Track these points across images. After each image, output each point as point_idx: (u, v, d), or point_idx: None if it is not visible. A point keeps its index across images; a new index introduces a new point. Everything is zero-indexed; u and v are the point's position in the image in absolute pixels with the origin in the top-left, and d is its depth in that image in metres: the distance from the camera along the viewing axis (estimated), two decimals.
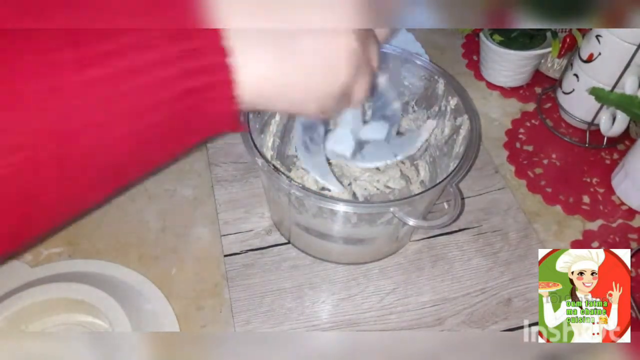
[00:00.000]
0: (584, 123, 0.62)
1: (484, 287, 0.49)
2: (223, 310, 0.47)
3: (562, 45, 0.65)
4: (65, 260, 0.50)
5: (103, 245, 0.51)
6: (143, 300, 0.46)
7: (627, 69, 0.54)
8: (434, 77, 0.51)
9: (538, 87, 0.70)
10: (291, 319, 0.47)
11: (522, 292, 0.49)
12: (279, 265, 0.50)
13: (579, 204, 0.57)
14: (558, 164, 0.61)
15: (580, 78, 0.59)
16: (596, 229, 0.55)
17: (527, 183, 0.59)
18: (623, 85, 0.55)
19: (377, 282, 0.49)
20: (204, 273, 0.50)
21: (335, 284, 0.49)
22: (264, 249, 0.51)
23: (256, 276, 0.49)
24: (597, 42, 0.56)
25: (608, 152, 0.62)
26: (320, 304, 0.48)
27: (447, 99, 0.50)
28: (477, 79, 0.71)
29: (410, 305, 0.48)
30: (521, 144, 0.63)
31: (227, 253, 0.51)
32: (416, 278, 0.50)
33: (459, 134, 0.48)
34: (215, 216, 0.54)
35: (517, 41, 0.65)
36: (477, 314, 0.48)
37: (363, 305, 0.48)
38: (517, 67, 0.67)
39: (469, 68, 0.72)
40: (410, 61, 0.51)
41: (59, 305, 0.43)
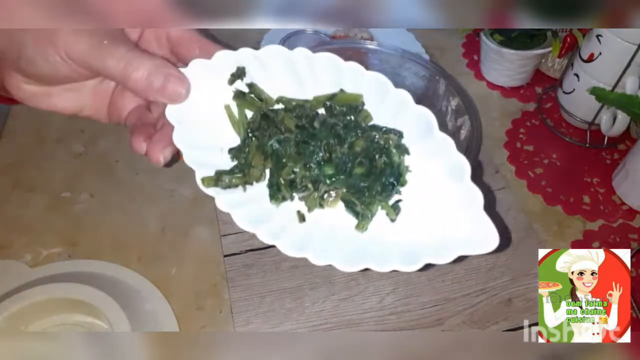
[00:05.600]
0: (584, 123, 0.62)
1: (485, 287, 0.49)
2: (223, 310, 0.47)
3: (562, 45, 0.65)
4: (65, 260, 0.50)
5: (103, 246, 0.51)
6: (143, 300, 0.46)
7: (628, 68, 0.54)
8: (434, 77, 0.51)
9: (538, 87, 0.70)
10: (291, 319, 0.47)
11: (523, 292, 0.49)
12: (279, 266, 0.50)
13: (580, 204, 0.57)
14: (559, 164, 0.61)
15: (581, 78, 0.59)
16: (597, 229, 0.55)
17: (528, 183, 0.59)
18: (623, 85, 0.55)
19: (377, 282, 0.49)
20: (203, 273, 0.50)
21: (335, 284, 0.49)
22: (264, 249, 0.51)
23: (256, 276, 0.49)
24: (597, 42, 0.56)
25: (609, 152, 0.62)
26: (320, 304, 0.48)
27: (447, 99, 0.50)
28: (477, 78, 0.71)
29: (411, 306, 0.48)
30: (522, 144, 0.63)
31: (226, 253, 0.51)
32: (416, 278, 0.50)
33: (460, 134, 0.48)
34: (215, 216, 0.54)
35: (518, 41, 0.65)
36: (478, 314, 0.47)
37: (363, 306, 0.48)
38: (517, 67, 0.66)
39: (470, 68, 0.72)
40: (410, 61, 0.51)
41: (59, 306, 0.43)
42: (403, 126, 0.34)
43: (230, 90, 0.36)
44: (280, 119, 0.35)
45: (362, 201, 0.34)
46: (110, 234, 0.52)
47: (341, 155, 0.34)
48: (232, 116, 0.36)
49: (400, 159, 0.34)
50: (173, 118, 0.33)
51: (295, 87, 0.36)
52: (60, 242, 0.51)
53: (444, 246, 0.31)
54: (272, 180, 0.35)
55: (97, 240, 0.52)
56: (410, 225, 0.34)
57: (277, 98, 0.36)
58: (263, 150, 0.35)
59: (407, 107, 0.32)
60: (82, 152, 0.60)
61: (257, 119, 0.36)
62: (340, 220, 0.35)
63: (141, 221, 0.53)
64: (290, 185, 0.34)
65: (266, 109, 0.36)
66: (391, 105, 0.33)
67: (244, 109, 0.36)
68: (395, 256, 0.32)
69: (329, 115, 0.36)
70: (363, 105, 0.35)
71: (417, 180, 0.34)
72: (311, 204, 0.35)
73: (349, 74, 0.33)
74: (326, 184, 0.34)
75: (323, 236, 0.34)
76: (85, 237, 0.52)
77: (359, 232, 0.34)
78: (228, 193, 0.34)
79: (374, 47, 0.52)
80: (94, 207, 0.55)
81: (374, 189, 0.34)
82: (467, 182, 0.31)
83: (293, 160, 0.35)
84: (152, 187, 0.57)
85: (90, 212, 0.54)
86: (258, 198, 0.35)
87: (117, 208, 0.55)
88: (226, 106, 0.36)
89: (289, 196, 0.35)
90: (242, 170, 0.35)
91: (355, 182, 0.34)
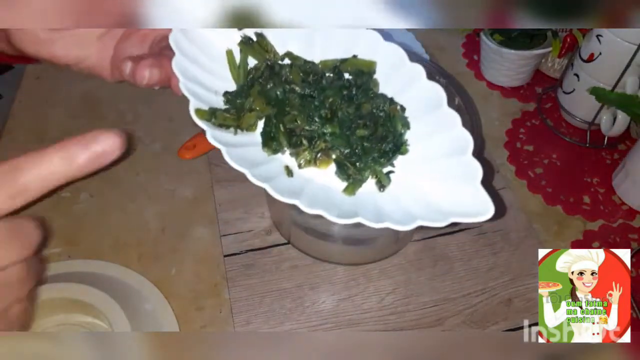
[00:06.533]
0: (584, 123, 0.62)
1: (485, 288, 0.49)
2: (223, 310, 0.47)
3: (562, 45, 0.65)
4: (65, 260, 0.50)
5: (103, 246, 0.51)
6: (143, 300, 0.46)
7: (628, 68, 0.54)
8: (434, 77, 0.50)
9: (538, 86, 0.70)
10: (291, 319, 0.47)
11: (523, 292, 0.49)
12: (279, 266, 0.50)
13: (580, 204, 0.57)
14: (559, 164, 0.61)
15: (581, 78, 0.59)
16: (597, 229, 0.55)
17: (528, 183, 0.59)
18: (624, 85, 0.55)
19: (378, 282, 0.49)
20: (203, 273, 0.50)
21: (335, 284, 0.49)
22: (264, 249, 0.51)
23: (256, 276, 0.49)
24: (597, 41, 0.56)
25: (609, 152, 0.62)
26: (320, 304, 0.48)
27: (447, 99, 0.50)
28: (477, 78, 0.71)
29: (411, 306, 0.48)
30: (522, 143, 0.63)
31: (226, 253, 0.51)
32: (416, 278, 0.50)
33: None
34: (215, 216, 0.54)
35: (518, 41, 0.65)
36: (478, 314, 0.47)
37: (363, 306, 0.48)
38: (517, 67, 0.66)
39: (470, 68, 0.72)
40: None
41: (59, 306, 0.43)
42: (413, 99, 0.34)
43: (238, 35, 0.35)
44: (286, 72, 0.35)
45: (356, 166, 0.34)
46: (110, 234, 0.52)
47: (347, 114, 0.34)
48: (233, 62, 0.36)
49: (403, 129, 0.35)
50: (176, 45, 0.32)
51: (306, 47, 0.36)
52: (60, 242, 0.51)
53: (439, 211, 0.31)
54: (267, 129, 0.34)
55: (97, 240, 0.52)
56: (406, 193, 0.34)
57: (285, 53, 0.36)
58: (266, 95, 0.34)
59: (420, 81, 0.33)
60: None
61: (261, 67, 0.36)
62: (329, 182, 0.34)
63: (141, 221, 0.53)
64: (288, 135, 0.34)
65: (273, 60, 0.36)
66: (404, 77, 0.33)
67: (247, 55, 0.36)
68: (390, 214, 0.31)
69: (337, 79, 0.36)
70: (374, 73, 0.35)
71: (420, 152, 0.35)
72: (302, 161, 0.34)
73: (366, 41, 0.34)
74: (325, 140, 0.34)
75: (313, 190, 0.33)
76: (85, 237, 0.52)
77: (346, 195, 0.33)
78: (220, 131, 0.33)
79: None
80: (94, 207, 0.55)
81: (372, 153, 0.34)
82: (469, 156, 0.31)
83: (297, 110, 0.34)
84: (152, 187, 0.57)
85: (90, 212, 0.54)
86: (248, 144, 0.34)
87: (117, 208, 0.55)
88: (228, 51, 0.36)
89: (286, 145, 0.34)
90: (238, 112, 0.34)
91: (355, 143, 0.34)
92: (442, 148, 0.33)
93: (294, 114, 0.34)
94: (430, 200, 0.33)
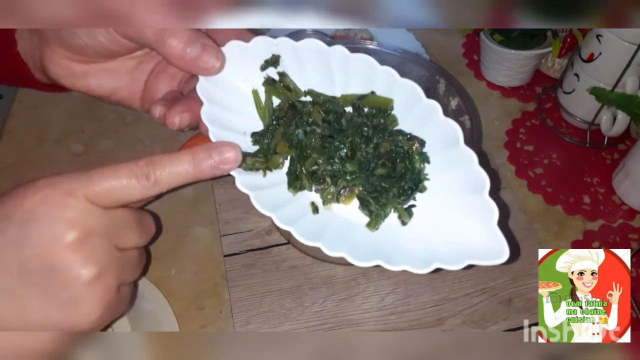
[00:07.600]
0: (584, 123, 0.62)
1: (485, 287, 0.49)
2: (223, 310, 0.47)
3: (562, 45, 0.65)
4: None
5: None
6: (143, 300, 0.46)
7: (628, 68, 0.54)
8: (434, 77, 0.51)
9: (538, 86, 0.70)
10: (291, 319, 0.47)
11: (523, 292, 0.49)
12: (279, 266, 0.50)
13: (580, 204, 0.57)
14: (558, 164, 0.61)
15: (581, 78, 0.59)
16: (597, 229, 0.55)
17: (528, 183, 0.59)
18: (624, 85, 0.55)
19: (377, 282, 0.49)
20: (203, 273, 0.50)
21: (335, 284, 0.49)
22: (264, 249, 0.51)
23: (256, 276, 0.49)
24: (597, 41, 0.56)
25: (609, 152, 0.62)
26: (320, 304, 0.48)
27: (447, 99, 0.50)
28: (477, 78, 0.71)
29: (411, 306, 0.48)
30: (522, 143, 0.63)
31: (226, 253, 0.51)
32: (416, 278, 0.50)
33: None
34: (215, 216, 0.54)
35: (518, 41, 0.65)
36: (478, 314, 0.47)
37: (363, 306, 0.48)
38: (517, 67, 0.66)
39: (470, 68, 0.72)
40: (410, 61, 0.51)
41: None
42: (429, 134, 0.35)
43: (261, 76, 0.36)
44: (308, 110, 0.36)
45: (378, 201, 0.35)
46: None
47: (365, 154, 0.35)
48: (259, 102, 0.37)
49: (422, 166, 0.35)
50: (203, 94, 0.33)
51: (326, 83, 0.36)
52: None
53: (455, 254, 0.32)
54: (292, 168, 0.36)
55: None
56: (424, 230, 0.34)
57: (307, 90, 0.37)
58: (288, 138, 0.36)
59: (437, 117, 0.33)
60: (82, 152, 0.60)
61: (284, 107, 0.36)
62: (353, 216, 0.36)
63: None
64: (311, 176, 0.35)
65: (294, 99, 0.37)
66: (421, 114, 0.34)
67: (271, 96, 0.37)
68: (407, 257, 0.32)
69: (356, 115, 0.36)
70: (392, 110, 0.35)
71: (437, 188, 0.35)
72: (327, 198, 0.35)
73: (383, 78, 0.34)
74: (346, 179, 0.35)
75: (336, 228, 0.34)
76: None
77: (369, 230, 0.35)
78: (248, 175, 0.34)
79: (374, 47, 0.52)
80: None
81: (392, 191, 0.34)
82: (485, 196, 0.31)
83: (317, 152, 0.35)
84: None
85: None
86: (275, 184, 0.36)
87: None
88: (254, 91, 0.37)
89: (308, 187, 0.35)
90: (265, 155, 0.35)
91: (375, 182, 0.35)
92: (458, 186, 0.33)
93: (315, 156, 0.35)
94: (447, 238, 0.33)
